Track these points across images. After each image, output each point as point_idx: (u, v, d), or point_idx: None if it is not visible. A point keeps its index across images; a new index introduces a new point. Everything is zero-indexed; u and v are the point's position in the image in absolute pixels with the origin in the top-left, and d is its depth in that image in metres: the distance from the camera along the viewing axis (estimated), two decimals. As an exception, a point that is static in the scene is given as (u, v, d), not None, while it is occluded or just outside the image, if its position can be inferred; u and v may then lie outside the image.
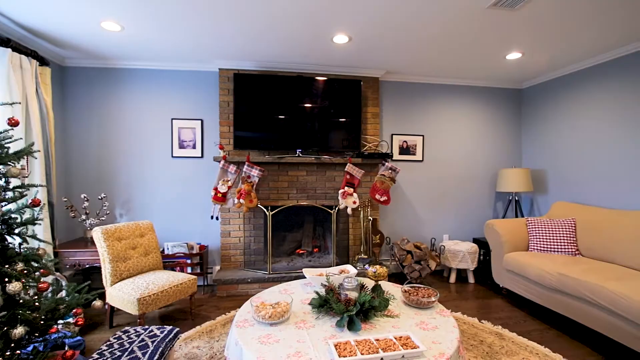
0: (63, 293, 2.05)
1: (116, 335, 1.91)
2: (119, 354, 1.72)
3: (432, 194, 4.17)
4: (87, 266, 2.94)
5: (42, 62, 2.85)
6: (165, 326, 2.01)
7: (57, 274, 2.69)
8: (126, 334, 1.91)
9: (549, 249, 3.15)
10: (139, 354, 1.71)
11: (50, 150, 2.89)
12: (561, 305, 2.60)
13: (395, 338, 1.54)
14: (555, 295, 2.66)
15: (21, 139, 2.24)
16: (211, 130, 3.68)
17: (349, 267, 2.51)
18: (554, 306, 2.67)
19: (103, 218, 3.27)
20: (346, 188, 3.60)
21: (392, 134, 4.05)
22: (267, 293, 2.19)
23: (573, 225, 3.17)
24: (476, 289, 3.55)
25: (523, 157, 4.36)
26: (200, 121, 3.65)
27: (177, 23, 2.63)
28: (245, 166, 3.41)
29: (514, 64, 3.57)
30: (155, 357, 1.70)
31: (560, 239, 3.13)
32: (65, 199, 3.22)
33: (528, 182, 3.87)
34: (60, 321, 2.52)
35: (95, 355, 1.70)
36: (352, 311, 1.71)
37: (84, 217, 3.13)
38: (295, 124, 3.58)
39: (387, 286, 2.35)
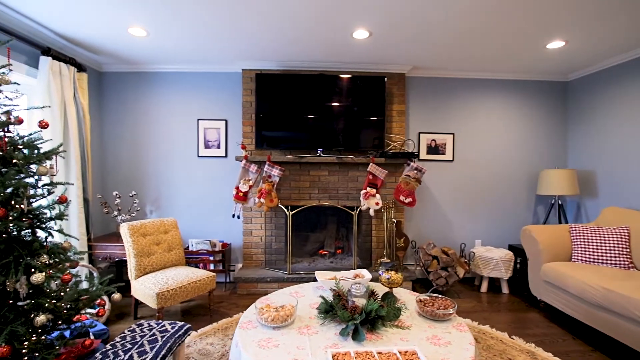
0: (86, 285, 2.18)
1: (131, 328, 1.98)
2: (129, 346, 1.78)
3: (463, 196, 3.91)
4: (117, 260, 3.12)
5: (80, 68, 3.07)
6: (177, 322, 2.06)
7: (90, 266, 2.88)
8: (139, 327, 1.98)
9: (596, 260, 2.80)
10: (147, 348, 1.76)
11: (86, 151, 3.10)
12: (607, 325, 2.29)
13: (400, 353, 1.43)
14: (600, 313, 2.34)
15: (51, 139, 2.40)
16: (235, 130, 3.75)
17: (363, 272, 2.41)
18: (599, 325, 2.36)
19: (133, 214, 3.46)
20: (368, 189, 3.48)
21: (420, 133, 3.85)
22: (276, 295, 2.16)
23: (627, 234, 2.79)
24: (510, 300, 3.26)
25: (569, 157, 3.93)
26: (224, 121, 3.73)
27: (198, 27, 2.69)
28: (266, 166, 3.42)
29: (556, 54, 3.22)
30: (162, 353, 1.74)
31: (610, 250, 2.77)
32: (100, 196, 3.45)
33: (574, 185, 3.48)
34: (90, 310, 2.68)
35: (108, 347, 1.78)
36: (357, 320, 1.62)
37: (115, 213, 3.32)
38: (317, 123, 3.53)
39: (403, 294, 2.22)
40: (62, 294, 1.97)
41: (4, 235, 1.71)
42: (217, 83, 3.72)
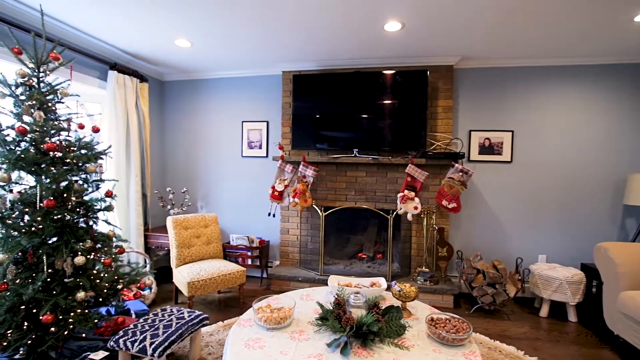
0: (127, 269, 2.47)
1: (155, 312, 2.19)
2: (147, 328, 1.96)
3: (524, 203, 3.38)
4: (167, 249, 3.48)
5: (142, 79, 3.50)
6: (195, 311, 2.21)
7: (142, 253, 3.28)
8: (162, 312, 2.17)
9: (701, 294, 2.14)
10: (160, 332, 1.92)
11: (145, 151, 3.53)
12: None
13: (381, 374, 1.29)
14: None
15: (102, 142, 2.78)
16: (276, 131, 3.86)
17: (381, 281, 2.26)
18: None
19: (184, 209, 3.83)
20: (406, 192, 3.25)
21: (470, 130, 3.45)
22: (286, 295, 2.16)
23: None
24: (576, 330, 2.71)
25: (677, 158, 3.09)
26: (266, 123, 3.88)
27: (233, 36, 2.84)
28: (301, 166, 3.45)
29: (652, 28, 2.56)
30: (171, 338, 1.87)
31: None
32: (157, 192, 3.90)
33: (679, 194, 2.72)
34: (141, 292, 3.01)
35: (131, 326, 1.99)
36: (345, 332, 1.52)
37: (169, 207, 3.72)
38: (353, 122, 3.43)
39: (421, 310, 2.00)
40: (104, 275, 2.27)
41: (58, 222, 2.03)
42: (260, 86, 3.88)
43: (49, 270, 1.97)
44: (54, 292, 1.93)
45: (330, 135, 3.49)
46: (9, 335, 1.85)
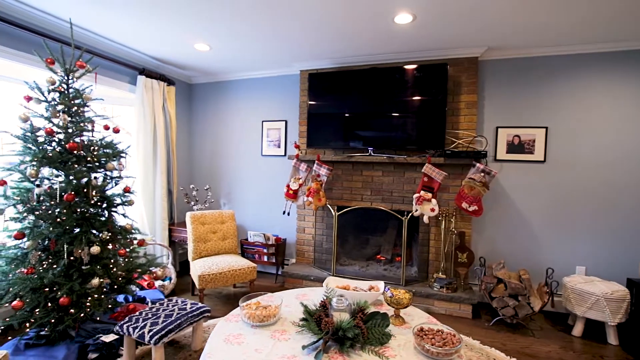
0: (143, 260, 2.65)
1: (162, 301, 2.32)
2: (150, 316, 2.09)
3: (559, 208, 3.03)
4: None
5: (169, 82, 3.73)
6: (197, 303, 2.30)
7: (165, 245, 3.49)
8: (168, 302, 2.29)
9: None
10: (160, 320, 2.03)
11: (171, 151, 3.76)
12: None
13: (345, 382, 1.24)
14: None
15: (122, 142, 2.95)
16: (294, 130, 3.89)
17: (380, 285, 2.17)
18: None
19: (206, 205, 4.02)
20: (422, 192, 3.09)
21: (497, 127, 3.18)
22: (281, 294, 2.16)
23: None
24: (616, 355, 2.36)
25: None
26: (284, 122, 3.92)
27: (248, 38, 2.91)
28: (315, 165, 3.44)
29: None
30: (170, 327, 1.97)
31: None
32: (182, 188, 4.13)
33: None
34: (160, 282, 3.21)
35: (137, 314, 2.13)
36: (320, 335, 1.48)
37: (192, 203, 3.93)
38: (369, 120, 3.34)
39: (418, 318, 1.89)
40: (121, 264, 2.46)
41: (79, 215, 2.24)
42: (279, 86, 3.94)
43: (71, 258, 2.18)
44: (73, 278, 2.13)
45: (345, 134, 3.43)
46: (37, 312, 2.09)
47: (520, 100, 3.11)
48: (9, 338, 2.20)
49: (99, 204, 2.39)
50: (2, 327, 2.06)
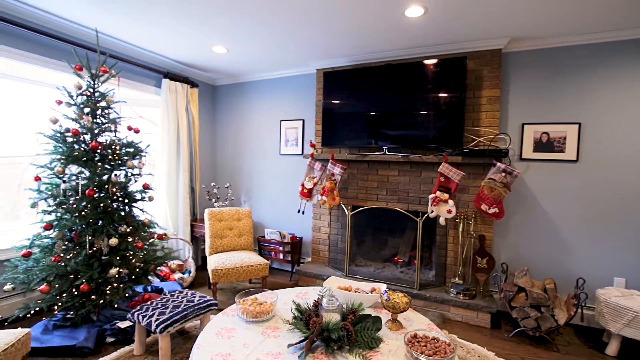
0: (160, 253, 2.80)
1: (173, 293, 2.44)
2: (160, 306, 2.20)
3: (594, 212, 2.74)
4: (208, 238, 3.82)
5: (192, 85, 3.91)
6: (205, 296, 2.39)
7: (186, 240, 3.66)
8: (178, 294, 2.40)
9: None
10: (167, 310, 2.13)
11: (194, 150, 3.94)
12: None
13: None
14: None
15: (141, 142, 3.11)
16: (311, 129, 3.90)
17: (382, 287, 2.10)
18: None
19: (227, 202, 4.15)
20: (439, 193, 2.95)
21: (523, 124, 2.95)
22: (282, 292, 2.18)
23: None
24: (655, 379, 2.09)
25: None
26: (301, 121, 3.95)
27: (263, 39, 2.97)
28: (329, 164, 3.42)
29: None
30: (175, 318, 2.07)
31: None
32: (204, 186, 4.30)
33: None
34: (180, 275, 3.37)
35: (147, 304, 2.26)
36: (306, 334, 1.47)
37: (213, 200, 4.08)
38: (384, 118, 3.25)
39: (418, 324, 1.81)
40: (139, 256, 2.62)
41: (101, 209, 2.42)
42: (297, 85, 3.97)
43: (94, 248, 2.37)
44: (94, 267, 2.31)
45: (359, 132, 3.37)
46: (63, 297, 2.29)
47: (550, 94, 2.86)
48: (43, 318, 2.43)
49: (120, 199, 2.58)
50: (37, 309, 2.27)
